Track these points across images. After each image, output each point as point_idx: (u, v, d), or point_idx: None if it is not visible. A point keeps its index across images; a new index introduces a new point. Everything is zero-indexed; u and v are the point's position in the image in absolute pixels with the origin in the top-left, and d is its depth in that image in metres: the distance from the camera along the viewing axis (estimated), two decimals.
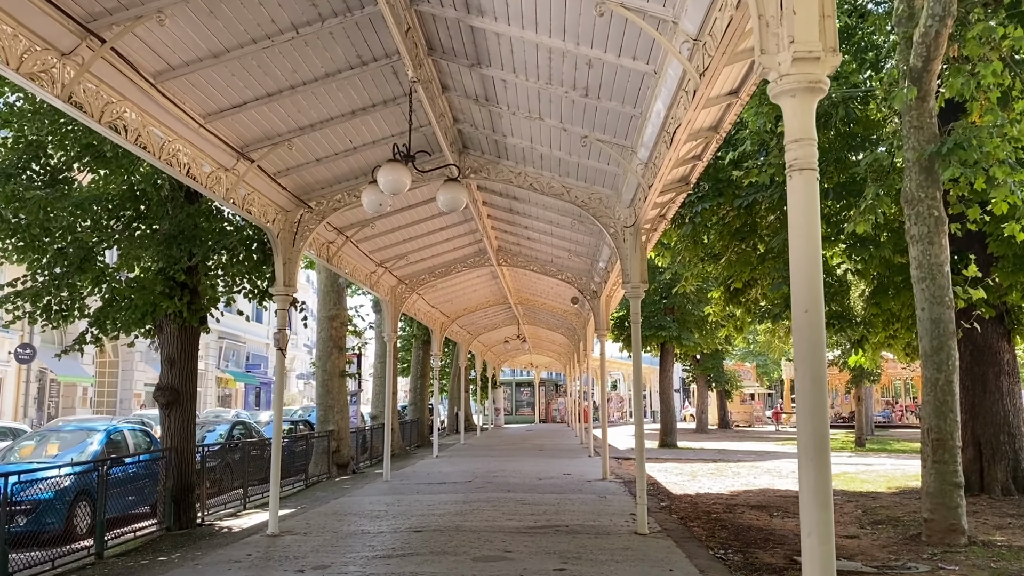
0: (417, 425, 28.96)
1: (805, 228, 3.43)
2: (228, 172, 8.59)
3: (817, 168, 3.46)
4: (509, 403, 54.76)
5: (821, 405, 3.54)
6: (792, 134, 3.50)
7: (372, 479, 16.99)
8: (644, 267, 10.10)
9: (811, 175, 3.46)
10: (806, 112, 3.49)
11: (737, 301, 16.22)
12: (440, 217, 13.66)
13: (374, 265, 14.93)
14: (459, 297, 21.84)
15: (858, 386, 27.99)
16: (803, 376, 3.56)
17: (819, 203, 3.49)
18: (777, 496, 14.23)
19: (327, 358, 18.52)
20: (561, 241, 14.79)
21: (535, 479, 16.15)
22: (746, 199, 12.68)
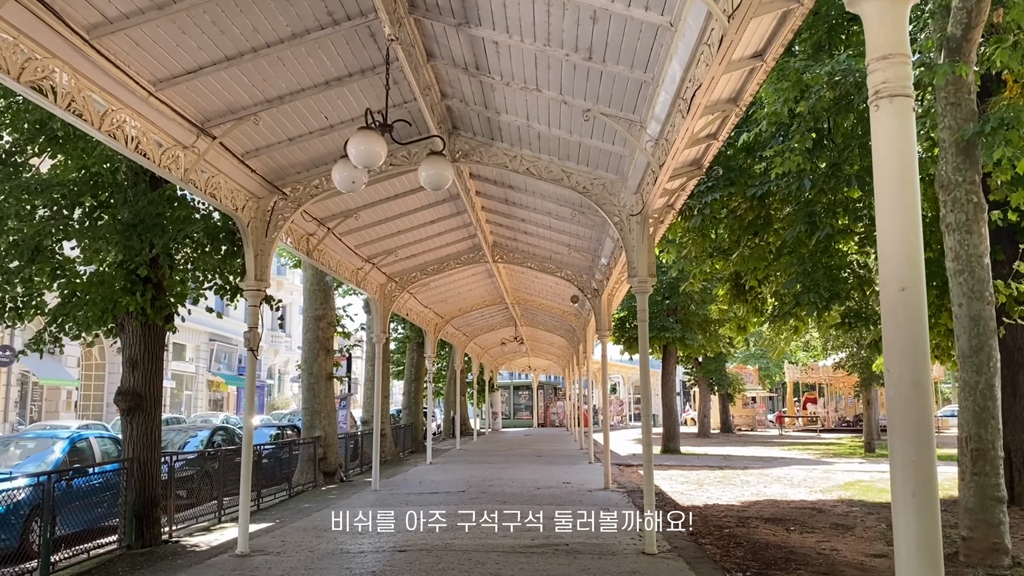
0: (411, 430, 27.99)
1: (899, 174, 2.52)
2: (187, 150, 7.65)
3: (912, 94, 2.54)
4: (507, 407, 53.75)
5: (925, 421, 2.59)
6: (878, 49, 2.58)
7: (360, 488, 16.04)
8: (652, 259, 9.16)
9: (905, 104, 2.54)
10: (897, 19, 2.57)
11: (743, 299, 15.27)
12: (430, 208, 12.72)
13: (361, 261, 13.98)
14: (453, 297, 20.89)
15: (867, 389, 27.04)
16: (899, 379, 2.63)
17: (915, 143, 2.57)
18: (792, 507, 13.28)
19: (313, 360, 17.57)
20: (560, 235, 13.85)
21: (532, 488, 15.20)
22: (760, 188, 11.74)
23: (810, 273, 11.31)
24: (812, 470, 19.88)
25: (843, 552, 9.41)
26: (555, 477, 17.36)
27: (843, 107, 11.24)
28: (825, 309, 11.04)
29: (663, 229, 11.29)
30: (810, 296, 11.01)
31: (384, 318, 15.95)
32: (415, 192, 11.63)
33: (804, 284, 11.10)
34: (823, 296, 10.99)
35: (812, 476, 18.37)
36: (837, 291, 11.01)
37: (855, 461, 23.00)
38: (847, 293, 11.10)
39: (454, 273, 18.32)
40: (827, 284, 11.10)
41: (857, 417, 48.67)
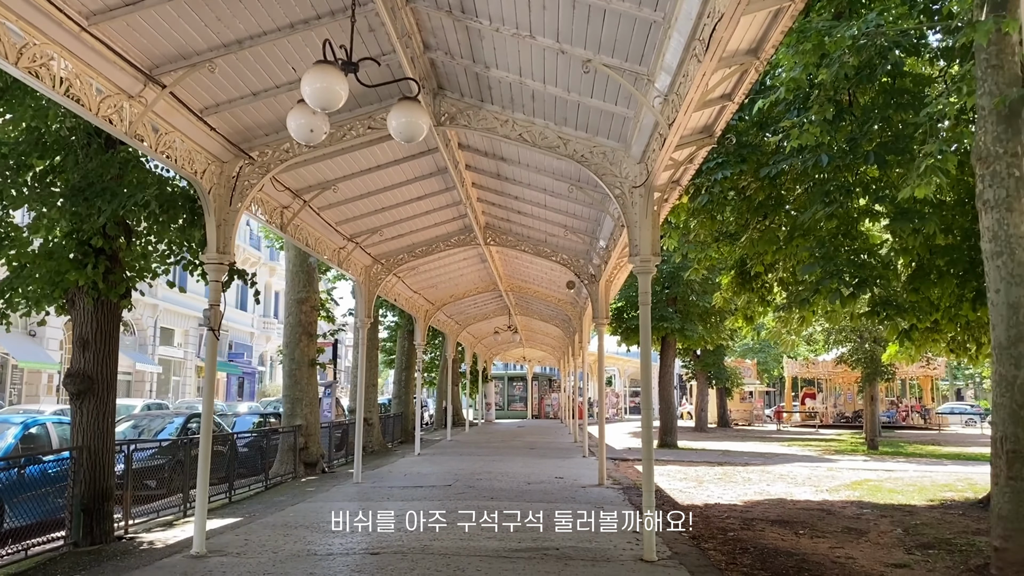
0: (401, 420, 27.14)
1: None
2: (132, 100, 6.74)
3: None
4: (501, 398, 52.99)
5: None
6: None
7: (342, 481, 15.18)
8: (656, 236, 8.28)
9: None
10: None
11: (750, 287, 14.38)
12: (416, 183, 11.82)
13: (342, 239, 13.08)
14: (444, 282, 20.00)
15: (871, 384, 26.23)
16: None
17: None
18: (798, 508, 12.45)
19: (295, 345, 16.69)
20: (556, 215, 12.96)
21: (523, 483, 14.36)
22: (774, 168, 10.83)
23: (831, 257, 10.41)
24: (816, 468, 19.07)
25: (860, 561, 8.57)
26: (547, 471, 16.53)
27: (865, 77, 10.35)
28: (852, 297, 10.14)
29: (668, 208, 10.42)
30: (833, 283, 10.10)
31: (369, 302, 15.06)
32: (398, 163, 10.73)
33: (825, 269, 10.20)
34: (847, 283, 10.09)
35: (816, 474, 17.55)
36: (864, 277, 10.11)
37: (859, 459, 22.20)
38: (874, 280, 10.19)
39: (444, 257, 17.44)
40: (851, 270, 10.20)
41: (856, 413, 47.95)
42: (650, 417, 8.24)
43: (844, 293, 10.27)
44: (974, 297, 11.78)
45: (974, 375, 76.50)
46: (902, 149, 9.92)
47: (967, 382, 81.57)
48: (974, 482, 15.82)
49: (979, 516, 11.58)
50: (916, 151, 9.91)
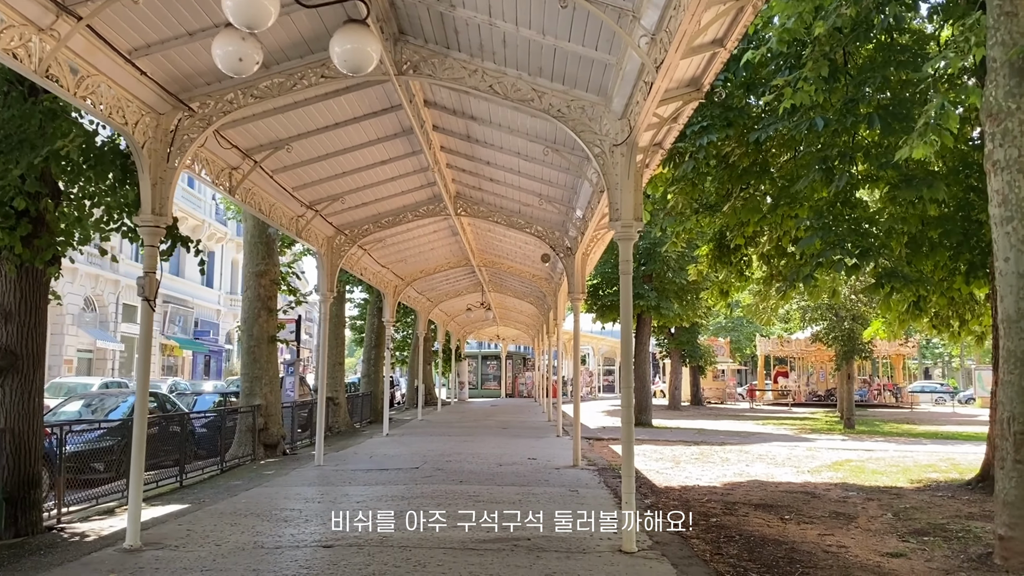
0: (370, 399, 26.38)
1: None
2: (43, 33, 5.85)
3: None
4: (475, 376, 52.34)
5: None
6: None
7: (303, 463, 14.42)
8: (639, 199, 7.56)
9: None
10: None
11: (728, 261, 13.77)
12: (379, 145, 10.97)
13: (301, 206, 12.22)
14: (414, 256, 19.18)
15: (848, 363, 25.90)
16: None
17: None
18: (781, 491, 11.91)
19: (254, 321, 15.83)
20: (531, 182, 12.19)
21: (495, 465, 13.70)
22: (764, 132, 10.15)
23: (830, 228, 9.77)
24: (794, 447, 18.63)
25: (852, 550, 8.00)
26: (520, 452, 15.88)
27: (861, 33, 9.68)
28: (855, 269, 9.52)
29: (649, 174, 9.70)
30: (835, 253, 9.46)
31: (331, 275, 14.21)
32: (358, 121, 9.88)
33: (825, 240, 9.55)
34: (850, 252, 9.45)
35: (795, 454, 17.09)
36: (866, 247, 9.48)
37: (836, 438, 21.84)
38: (878, 250, 9.57)
39: (413, 229, 16.63)
40: (854, 239, 9.57)
41: (829, 392, 47.97)
42: (630, 397, 7.57)
43: (848, 264, 9.66)
44: (967, 270, 11.26)
45: (943, 354, 77.27)
46: (905, 115, 9.27)
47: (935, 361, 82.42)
48: (956, 462, 15.43)
49: (968, 499, 11.11)
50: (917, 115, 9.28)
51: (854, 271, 9.91)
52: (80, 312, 37.23)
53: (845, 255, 9.73)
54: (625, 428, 7.45)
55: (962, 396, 53.86)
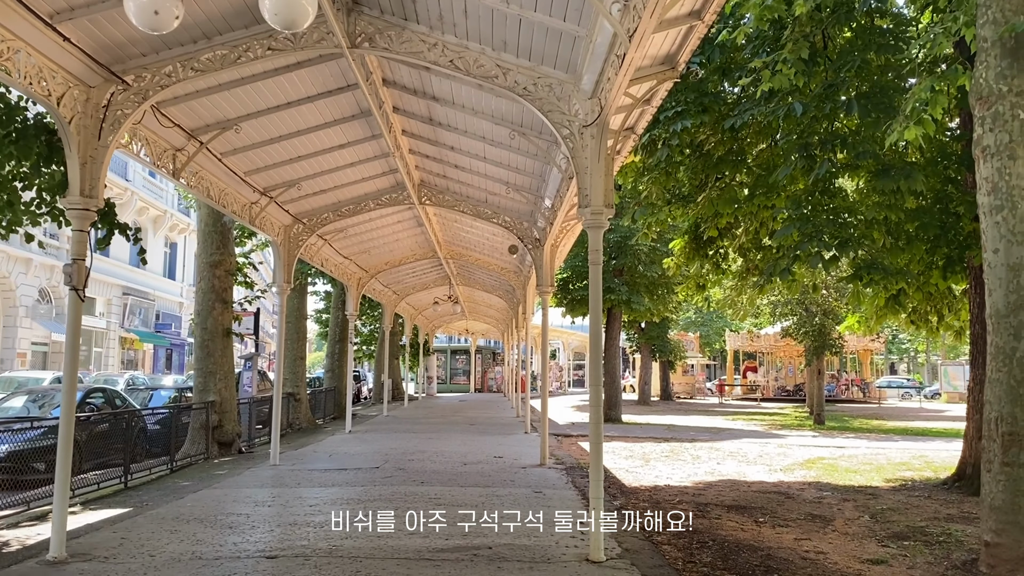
0: (334, 395, 25.70)
1: None
2: None
3: None
4: (443, 371, 51.74)
5: None
6: None
7: (258, 462, 13.78)
8: (610, 184, 7.07)
9: None
10: None
11: (703, 254, 13.36)
12: (336, 127, 10.36)
13: (254, 193, 11.57)
14: (378, 248, 18.55)
15: (818, 358, 25.73)
16: None
17: None
18: (754, 491, 11.53)
19: (208, 313, 15.12)
20: (497, 169, 11.66)
21: (459, 464, 13.17)
22: (740, 118, 9.71)
23: (808, 218, 9.36)
24: (765, 444, 18.34)
25: (831, 556, 7.60)
26: (486, 450, 15.38)
27: (842, 16, 9.27)
28: (833, 261, 9.12)
29: (620, 161, 9.23)
30: (812, 246, 9.05)
31: (288, 266, 13.57)
32: (312, 100, 9.26)
33: (803, 231, 9.14)
34: (828, 244, 9.05)
35: (767, 452, 16.79)
36: (845, 238, 9.08)
37: (807, 434, 21.62)
38: (857, 240, 9.17)
39: (376, 219, 16.03)
40: (832, 230, 9.16)
41: (797, 387, 48.09)
42: (599, 395, 7.09)
43: (825, 256, 9.26)
44: (945, 264, 10.93)
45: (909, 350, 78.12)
46: (885, 103, 8.88)
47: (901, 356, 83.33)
48: (930, 460, 15.21)
49: (945, 499, 10.81)
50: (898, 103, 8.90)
51: (832, 264, 9.52)
52: (35, 304, 35.99)
53: (823, 247, 9.33)
54: (593, 428, 6.97)
55: (928, 391, 54.39)
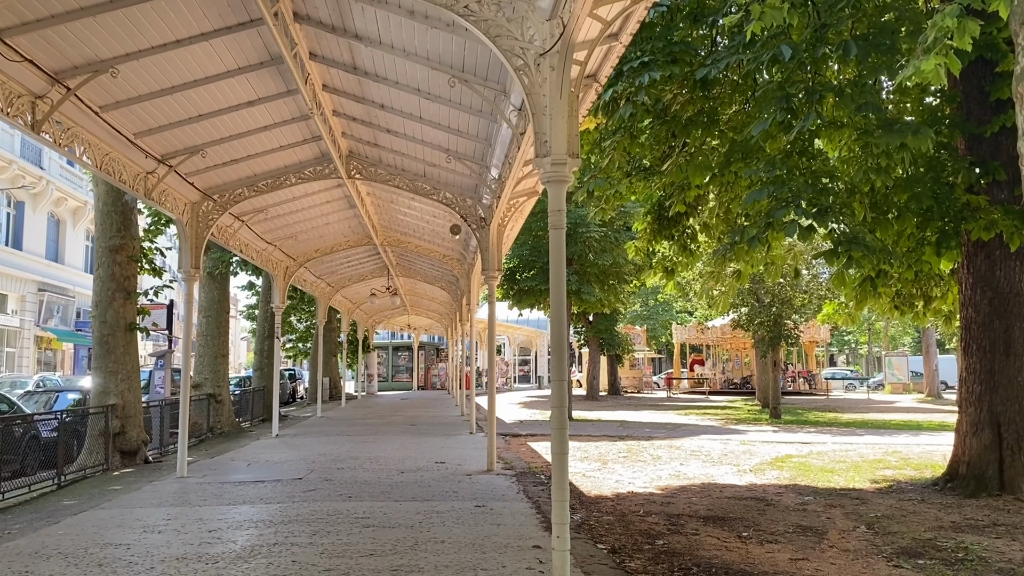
0: (263, 395, 23.78)
1: None
2: None
3: None
4: (385, 368, 49.80)
5: None
6: None
7: (165, 474, 12.02)
8: (574, 128, 5.63)
9: None
10: None
11: (669, 234, 12.07)
12: (240, 77, 8.69)
13: (148, 159, 9.81)
14: (306, 232, 16.81)
15: (774, 350, 24.82)
16: None
17: None
18: (727, 497, 10.24)
19: (107, 305, 13.23)
20: (436, 132, 10.12)
21: (395, 473, 11.62)
22: (716, 67, 8.37)
23: (784, 181, 8.08)
24: (727, 441, 17.19)
25: None
26: (427, 454, 13.84)
27: None
28: (810, 232, 7.85)
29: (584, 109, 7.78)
30: (787, 212, 7.78)
31: (196, 248, 11.83)
32: (207, 38, 7.59)
33: (777, 197, 7.87)
34: (806, 212, 7.78)
35: (731, 450, 15.61)
36: (825, 206, 7.82)
37: (766, 429, 20.60)
38: (838, 210, 7.91)
39: (302, 200, 14.36)
40: (810, 196, 7.90)
41: (744, 379, 47.63)
42: (563, 394, 5.62)
43: (803, 224, 7.99)
44: (939, 239, 9.78)
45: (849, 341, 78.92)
46: (887, 45, 7.62)
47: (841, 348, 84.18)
48: (905, 456, 14.22)
49: (942, 503, 9.69)
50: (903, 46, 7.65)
51: (808, 234, 8.24)
52: None
53: (800, 215, 8.04)
54: (557, 436, 5.50)
55: (871, 382, 54.60)
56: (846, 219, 8.22)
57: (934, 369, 41.40)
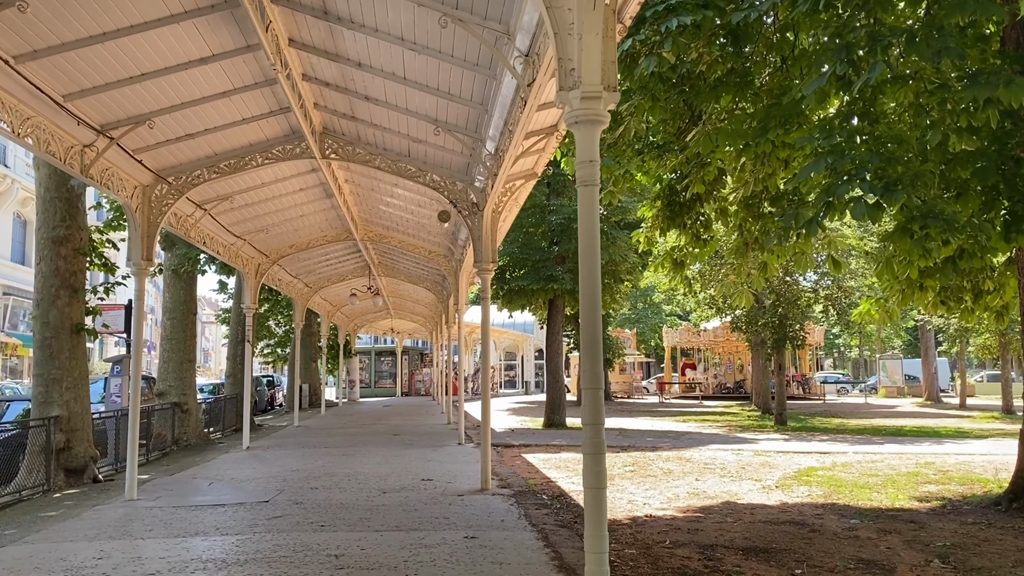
0: (235, 404, 22.18)
1: None
2: None
3: None
4: (367, 374, 48.17)
5: None
6: None
7: (113, 496, 10.52)
8: (611, 51, 4.24)
9: None
10: None
11: (681, 222, 10.69)
12: (189, 24, 7.21)
13: (83, 128, 8.31)
14: (279, 224, 15.31)
15: (779, 352, 23.50)
16: None
17: None
18: (761, 521, 8.85)
19: (50, 304, 11.71)
20: (423, 97, 8.69)
21: (376, 493, 10.17)
22: (754, 10, 7.01)
23: (844, 151, 6.70)
24: (739, 452, 15.81)
25: None
26: (412, 469, 12.39)
27: None
28: (877, 210, 6.48)
29: None
30: (851, 187, 6.41)
31: (147, 237, 10.32)
32: None
33: (838, 169, 6.50)
34: (873, 186, 6.39)
35: (746, 461, 14.25)
36: (894, 178, 6.45)
37: (775, 438, 19.26)
38: (910, 180, 6.54)
39: (272, 186, 12.89)
40: (877, 167, 6.53)
41: (737, 383, 46.42)
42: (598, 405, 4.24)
43: (869, 202, 6.62)
44: (1009, 221, 8.42)
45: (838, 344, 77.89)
46: None
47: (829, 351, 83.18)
48: (942, 468, 12.91)
49: (1014, 527, 8.35)
50: None
51: (876, 213, 6.85)
52: None
53: (867, 190, 6.66)
54: (591, 465, 4.15)
55: (864, 386, 53.55)
56: (920, 192, 6.85)
57: (933, 372, 40.32)
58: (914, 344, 64.38)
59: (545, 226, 23.09)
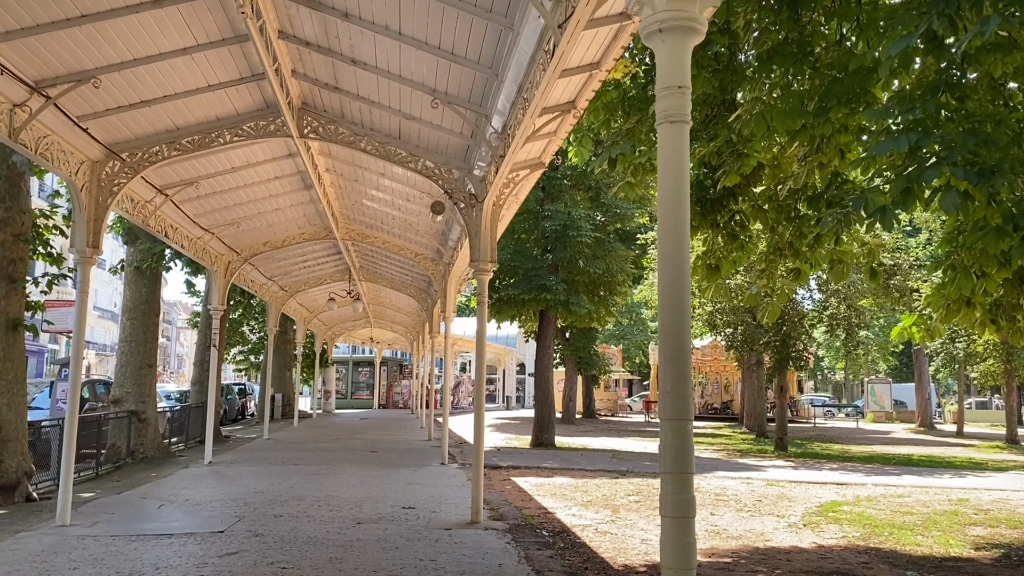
0: (202, 413, 20.60)
1: None
2: None
3: None
4: (344, 384, 46.52)
5: None
6: None
7: (44, 520, 9.02)
8: None
9: None
10: None
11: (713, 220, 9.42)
12: None
13: (12, 83, 6.93)
14: (251, 218, 13.88)
15: (780, 373, 22.32)
16: None
17: None
18: (803, 572, 7.54)
19: None
20: (420, 57, 7.38)
21: (350, 524, 8.77)
22: None
23: (930, 128, 5.47)
24: (749, 481, 14.51)
25: None
26: (392, 494, 10.99)
27: None
28: (966, 200, 5.24)
29: None
30: (943, 171, 5.18)
31: (95, 221, 8.91)
32: None
33: (921, 149, 5.28)
34: (968, 172, 5.16)
35: (759, 492, 12.96)
36: (990, 163, 5.24)
37: (781, 465, 17.98)
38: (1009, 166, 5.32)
39: (243, 172, 11.53)
40: (969, 149, 5.30)
41: (725, 404, 45.33)
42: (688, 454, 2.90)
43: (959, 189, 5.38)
44: None
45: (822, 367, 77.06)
46: None
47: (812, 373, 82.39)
48: (979, 506, 11.70)
49: None
50: None
51: (968, 206, 5.60)
52: None
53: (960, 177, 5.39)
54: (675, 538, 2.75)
55: (849, 410, 52.57)
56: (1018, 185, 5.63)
57: (927, 398, 39.30)
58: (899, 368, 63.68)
59: (538, 232, 21.82)
